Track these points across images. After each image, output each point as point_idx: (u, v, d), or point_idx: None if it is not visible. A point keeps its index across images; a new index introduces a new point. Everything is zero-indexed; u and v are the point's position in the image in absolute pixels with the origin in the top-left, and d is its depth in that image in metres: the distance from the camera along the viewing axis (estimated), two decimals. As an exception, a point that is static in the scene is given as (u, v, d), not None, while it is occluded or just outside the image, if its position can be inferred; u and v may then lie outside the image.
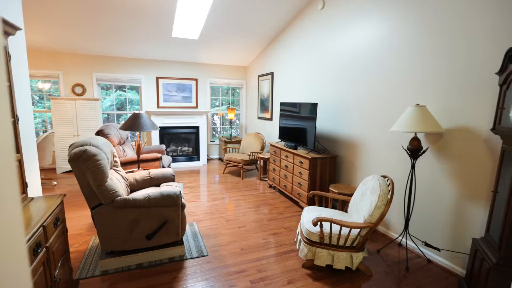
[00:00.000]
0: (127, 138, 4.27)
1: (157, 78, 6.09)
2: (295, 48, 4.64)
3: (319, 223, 2.22)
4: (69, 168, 5.17)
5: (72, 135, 5.20)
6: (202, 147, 6.30)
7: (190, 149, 6.43)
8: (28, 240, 1.32)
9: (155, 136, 5.91)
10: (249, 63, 6.64)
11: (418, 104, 2.33)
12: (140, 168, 3.30)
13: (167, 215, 2.33)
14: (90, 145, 2.18)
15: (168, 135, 6.17)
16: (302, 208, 3.73)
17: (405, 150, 2.48)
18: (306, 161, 3.50)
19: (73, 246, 2.66)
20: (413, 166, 2.44)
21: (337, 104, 3.67)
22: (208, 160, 6.78)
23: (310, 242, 2.29)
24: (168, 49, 5.49)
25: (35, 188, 2.65)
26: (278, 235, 3.00)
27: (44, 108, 6.04)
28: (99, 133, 3.65)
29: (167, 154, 6.18)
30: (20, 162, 1.68)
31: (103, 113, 6.19)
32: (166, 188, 2.51)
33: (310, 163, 3.44)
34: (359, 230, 2.18)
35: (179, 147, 6.35)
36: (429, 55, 2.48)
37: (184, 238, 2.83)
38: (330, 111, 3.83)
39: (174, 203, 2.31)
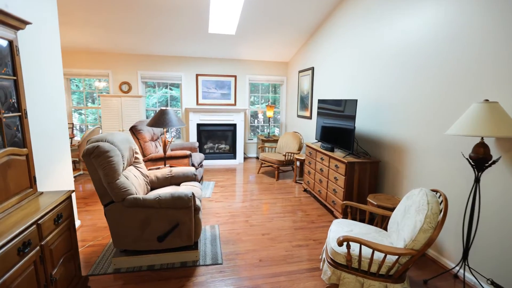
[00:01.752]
0: (161, 134, 4.33)
1: (197, 75, 6.14)
2: (336, 40, 4.17)
3: (345, 243, 1.85)
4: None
5: (118, 130, 5.52)
6: (239, 145, 6.18)
7: (227, 147, 6.37)
8: (12, 240, 1.26)
9: (193, 132, 5.97)
10: (290, 59, 6.29)
11: (487, 100, 1.79)
12: (166, 165, 3.26)
13: (178, 217, 2.19)
14: (105, 141, 2.14)
15: (206, 132, 6.19)
16: (336, 218, 3.31)
17: (467, 159, 1.93)
18: (342, 166, 3.08)
19: (95, 239, 2.72)
20: (477, 180, 1.90)
21: (381, 102, 3.15)
22: (245, 158, 6.64)
23: (335, 264, 1.93)
24: (206, 46, 5.47)
25: (66, 181, 2.77)
26: (304, 247, 2.67)
27: (99, 105, 6.56)
28: (133, 128, 3.73)
29: (204, 151, 6.21)
30: (28, 157, 1.67)
31: (149, 110, 6.48)
32: (180, 189, 2.38)
33: (346, 168, 3.01)
34: (397, 256, 1.75)
35: (216, 145, 6.34)
36: (494, 42, 1.89)
37: (201, 241, 2.69)
38: (373, 109, 3.32)
39: (185, 205, 2.16)
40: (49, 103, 2.48)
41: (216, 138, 6.34)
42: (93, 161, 2.02)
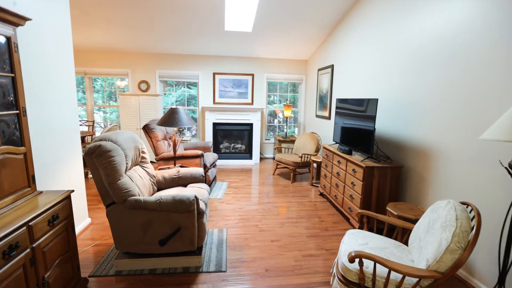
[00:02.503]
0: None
1: (214, 74, 6.08)
2: (357, 36, 3.91)
3: (357, 260, 1.65)
4: (131, 158, 5.57)
5: (135, 128, 5.60)
6: (255, 145, 6.05)
7: (243, 147, 6.26)
8: (-5, 243, 1.21)
9: (209, 132, 5.92)
10: (309, 57, 6.06)
11: (533, 99, 1.51)
12: (177, 165, 3.20)
13: (180, 221, 2.10)
14: (108, 140, 2.09)
15: (222, 132, 6.12)
16: (352, 226, 3.07)
17: (506, 168, 1.66)
18: (360, 170, 2.85)
19: (103, 238, 2.70)
20: (518, 193, 1.62)
21: (405, 101, 2.87)
22: (262, 159, 6.50)
23: (345, 282, 1.74)
24: (223, 44, 5.38)
25: (76, 180, 2.77)
26: (314, 257, 2.48)
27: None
28: (145, 127, 3.72)
29: (220, 151, 6.14)
30: (26, 156, 1.64)
31: (167, 108, 6.53)
32: (185, 190, 2.29)
33: (365, 172, 2.77)
34: (418, 279, 1.53)
35: (232, 144, 6.25)
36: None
37: (207, 245, 2.59)
38: (395, 109, 3.04)
39: (187, 209, 2.06)
40: (58, 101, 2.48)
41: (232, 138, 6.25)
42: (95, 160, 1.97)
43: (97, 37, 5.01)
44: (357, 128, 3.19)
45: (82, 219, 2.88)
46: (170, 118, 3.00)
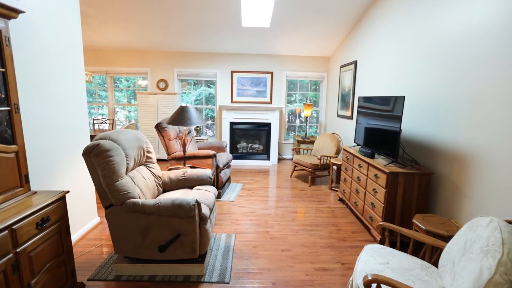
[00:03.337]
0: (189, 132, 4.21)
1: (232, 72, 5.95)
2: (383, 29, 3.56)
3: (375, 284, 1.40)
4: (149, 157, 5.59)
5: (153, 127, 5.61)
6: (273, 146, 5.84)
7: (261, 147, 6.07)
8: (-32, 249, 1.12)
9: (226, 131, 5.80)
10: (331, 53, 5.73)
11: None
12: (186, 166, 3.09)
13: (180, 227, 1.96)
14: (108, 139, 2.00)
15: (239, 131, 5.98)
16: (373, 237, 2.78)
17: None
18: (383, 176, 2.55)
19: (108, 239, 2.64)
20: None
21: (436, 99, 2.53)
22: (280, 160, 6.27)
23: (360, 307, 1.49)
24: (241, 41, 5.23)
25: (86, 179, 2.74)
26: (328, 272, 2.23)
27: (139, 102, 6.80)
28: (158, 126, 3.65)
29: (237, 151, 6.00)
30: (18, 154, 1.57)
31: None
32: (190, 193, 2.15)
33: (388, 179, 2.47)
34: (449, 312, 1.26)
35: (249, 144, 6.08)
36: None
37: (213, 252, 2.43)
38: (425, 109, 2.69)
39: (187, 214, 1.91)
40: (64, 99, 2.44)
41: (250, 138, 6.09)
42: (93, 160, 1.88)
43: (116, 36, 5.07)
44: (381, 129, 2.88)
45: (91, 218, 2.84)
46: (179, 117, 2.88)
